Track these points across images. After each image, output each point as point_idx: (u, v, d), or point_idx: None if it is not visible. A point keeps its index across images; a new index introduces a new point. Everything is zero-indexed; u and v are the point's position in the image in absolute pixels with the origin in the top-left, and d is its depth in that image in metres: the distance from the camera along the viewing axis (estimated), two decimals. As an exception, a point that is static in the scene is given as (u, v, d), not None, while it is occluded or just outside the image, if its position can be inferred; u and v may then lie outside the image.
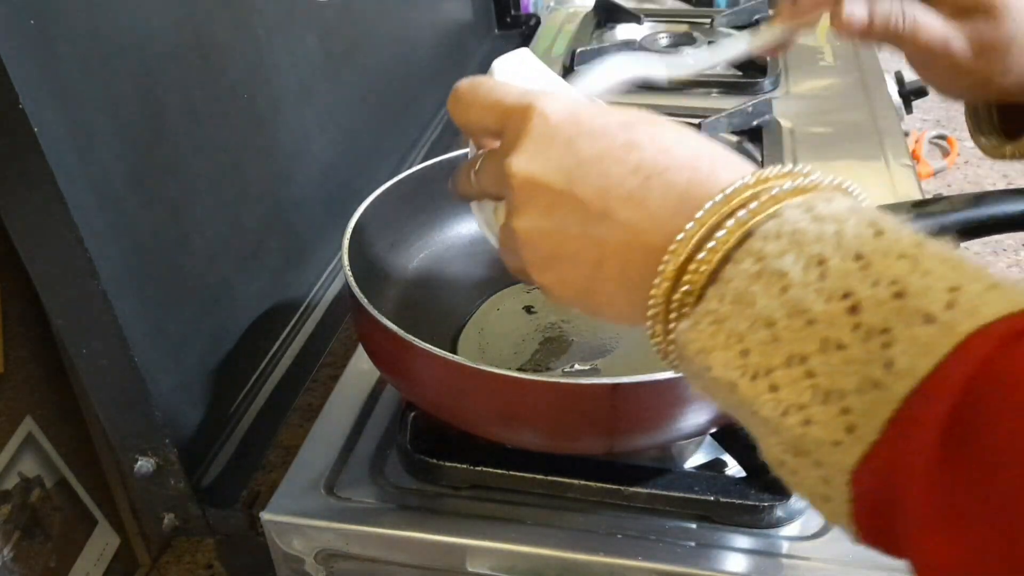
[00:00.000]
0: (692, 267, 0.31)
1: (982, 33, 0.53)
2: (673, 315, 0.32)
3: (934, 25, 0.53)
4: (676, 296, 0.31)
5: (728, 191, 0.31)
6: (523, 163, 0.36)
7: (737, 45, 0.56)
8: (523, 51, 0.46)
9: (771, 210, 0.30)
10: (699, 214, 0.31)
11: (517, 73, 0.45)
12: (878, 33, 0.54)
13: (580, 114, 0.36)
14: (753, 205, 0.30)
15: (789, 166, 0.32)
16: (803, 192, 0.31)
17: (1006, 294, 0.25)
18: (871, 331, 0.26)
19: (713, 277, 0.31)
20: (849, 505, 0.27)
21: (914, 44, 0.54)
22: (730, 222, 0.30)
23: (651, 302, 0.32)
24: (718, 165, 0.33)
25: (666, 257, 0.31)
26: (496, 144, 0.40)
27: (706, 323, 0.30)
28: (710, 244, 0.30)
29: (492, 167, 0.39)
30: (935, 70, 0.56)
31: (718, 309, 0.30)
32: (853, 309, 0.27)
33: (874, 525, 0.27)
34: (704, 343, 0.30)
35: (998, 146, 0.60)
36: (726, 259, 0.30)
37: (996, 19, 0.53)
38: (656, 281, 0.32)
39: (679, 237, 0.31)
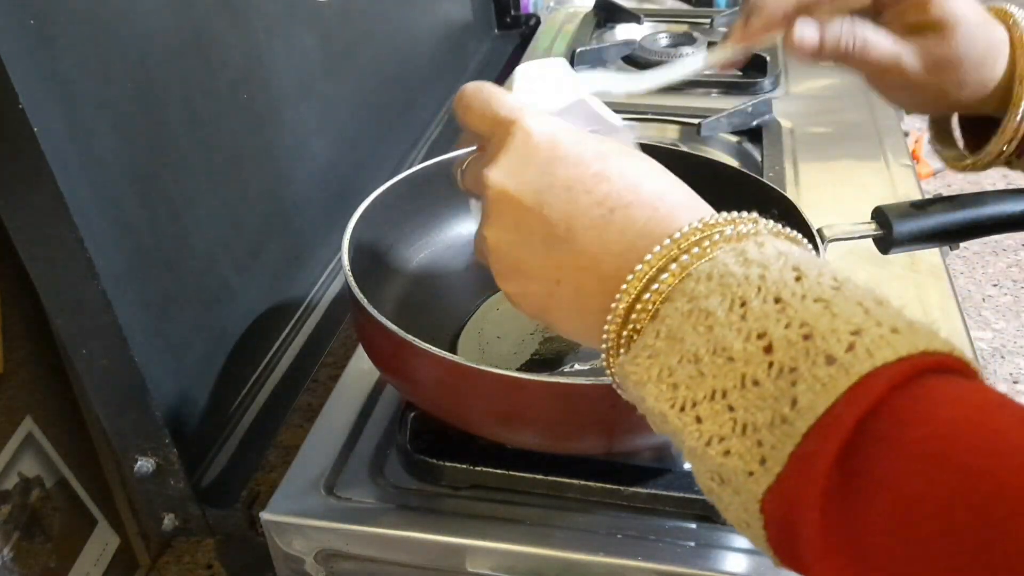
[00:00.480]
0: (639, 306, 0.33)
1: (933, 50, 0.54)
2: (622, 349, 0.34)
3: (884, 45, 0.54)
4: (624, 333, 0.34)
5: (676, 236, 0.33)
6: (500, 176, 0.38)
7: (692, 63, 0.57)
8: (551, 61, 0.46)
9: (710, 254, 0.32)
10: (648, 256, 0.33)
11: (539, 78, 0.45)
12: (829, 54, 0.55)
13: (560, 138, 0.38)
14: (696, 250, 0.32)
15: (735, 213, 0.34)
16: (745, 238, 0.33)
17: (906, 338, 0.27)
18: (782, 370, 0.28)
19: (654, 315, 0.33)
20: (764, 531, 0.29)
21: (866, 64, 0.55)
22: (674, 266, 0.32)
23: (604, 337, 0.34)
24: (677, 207, 0.35)
25: (618, 296, 0.33)
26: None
27: (643, 357, 0.32)
28: (655, 286, 0.33)
29: (474, 171, 0.41)
30: (890, 87, 0.58)
31: (653, 344, 0.32)
32: (768, 349, 0.29)
33: (785, 550, 0.29)
34: (640, 376, 0.32)
35: (959, 159, 0.61)
36: (667, 299, 0.32)
37: (946, 36, 0.54)
38: (609, 318, 0.34)
39: (630, 278, 0.33)
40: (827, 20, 0.54)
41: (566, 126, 0.39)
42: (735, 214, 0.34)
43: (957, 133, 0.62)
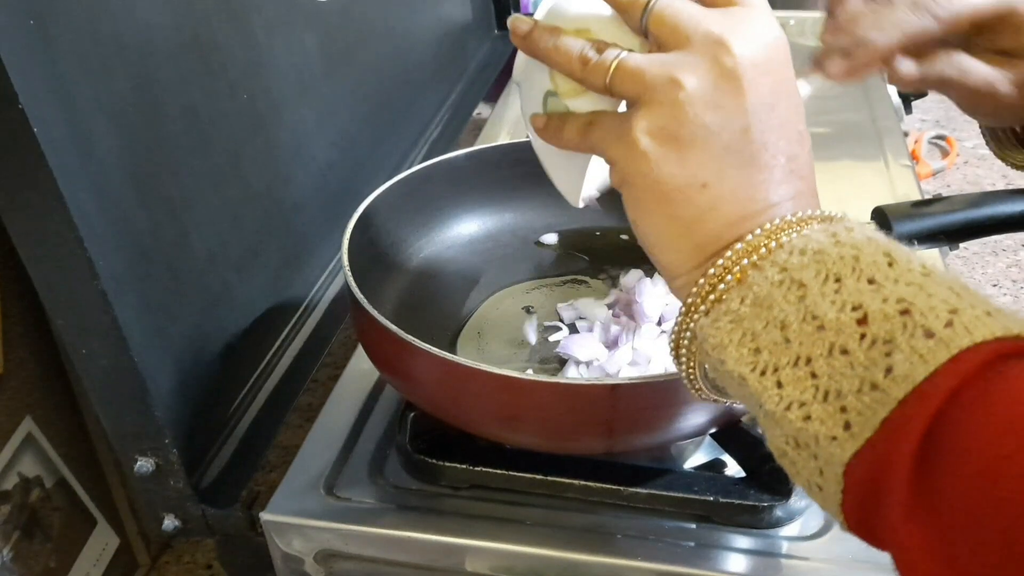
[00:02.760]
0: (765, 247, 0.34)
1: None
2: (711, 296, 0.34)
3: (981, 71, 0.54)
4: (737, 269, 0.34)
5: (828, 212, 0.35)
6: (748, 54, 0.35)
7: None
8: None
9: (800, 230, 0.34)
10: (801, 214, 0.35)
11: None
12: (930, 83, 0.55)
13: (792, 77, 0.37)
14: (796, 231, 0.34)
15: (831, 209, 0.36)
16: (837, 222, 0.35)
17: (1000, 320, 0.29)
18: (876, 340, 0.29)
19: (741, 280, 0.34)
20: (840, 496, 0.30)
21: (963, 90, 0.55)
22: (773, 243, 0.34)
23: (721, 261, 0.34)
24: (817, 203, 0.37)
25: (757, 231, 0.34)
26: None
27: (725, 321, 0.33)
28: (766, 247, 0.34)
29: (704, 17, 0.36)
30: (981, 109, 0.58)
31: (738, 310, 0.33)
32: (862, 321, 0.30)
33: (860, 515, 0.30)
34: (721, 338, 0.33)
35: None
36: (755, 267, 0.34)
37: None
38: (728, 254, 0.34)
39: (777, 221, 0.34)
40: (928, 52, 0.54)
41: None
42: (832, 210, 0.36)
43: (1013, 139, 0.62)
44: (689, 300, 0.35)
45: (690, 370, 0.37)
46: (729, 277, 0.34)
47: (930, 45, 0.54)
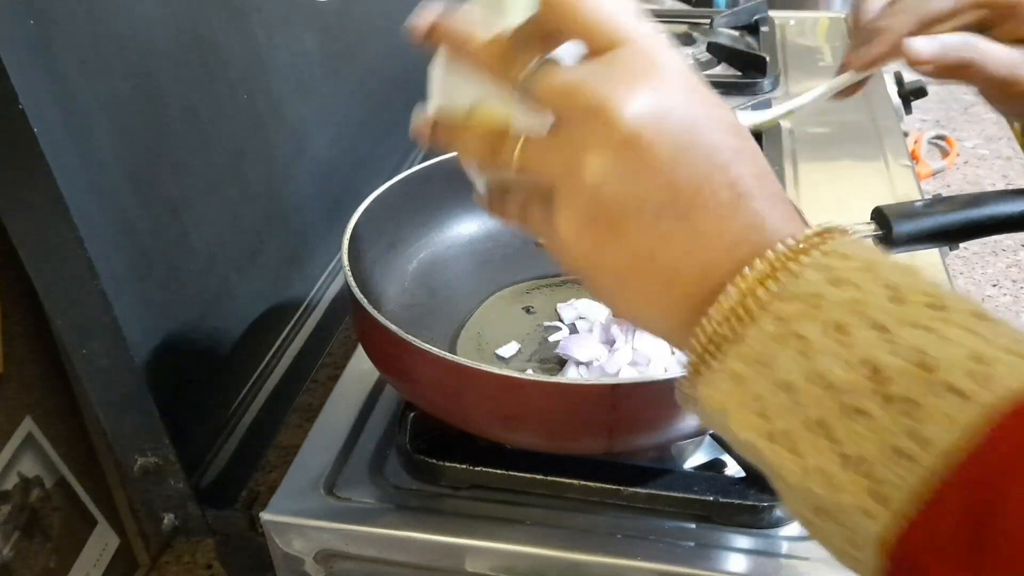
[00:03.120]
0: (748, 302, 0.29)
1: None
2: (708, 356, 0.30)
3: (1002, 55, 0.54)
4: (722, 331, 0.30)
5: (808, 232, 0.30)
6: (641, 109, 0.31)
7: (814, 93, 0.58)
8: None
9: (797, 271, 0.29)
10: (770, 253, 0.30)
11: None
12: (948, 67, 0.54)
13: (704, 90, 0.33)
14: (792, 265, 0.29)
15: (825, 223, 0.31)
16: (829, 242, 0.30)
17: None
18: (892, 399, 0.26)
19: (734, 335, 0.30)
20: (880, 573, 0.27)
21: (984, 75, 0.55)
22: (772, 283, 0.29)
23: (698, 329, 0.30)
24: (788, 207, 0.32)
25: (730, 288, 0.30)
26: (572, 56, 0.34)
27: (726, 383, 0.30)
28: (761, 291, 0.29)
29: (578, 83, 0.32)
30: (1007, 99, 0.57)
31: (736, 370, 0.29)
32: (874, 377, 0.26)
33: None
34: (723, 402, 0.30)
35: None
36: (752, 318, 0.29)
37: None
38: (711, 311, 0.30)
39: (746, 271, 0.30)
40: (944, 36, 0.54)
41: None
42: (826, 224, 0.31)
43: None
44: (685, 368, 0.32)
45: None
46: (713, 342, 0.30)
47: (952, 35, 0.54)
